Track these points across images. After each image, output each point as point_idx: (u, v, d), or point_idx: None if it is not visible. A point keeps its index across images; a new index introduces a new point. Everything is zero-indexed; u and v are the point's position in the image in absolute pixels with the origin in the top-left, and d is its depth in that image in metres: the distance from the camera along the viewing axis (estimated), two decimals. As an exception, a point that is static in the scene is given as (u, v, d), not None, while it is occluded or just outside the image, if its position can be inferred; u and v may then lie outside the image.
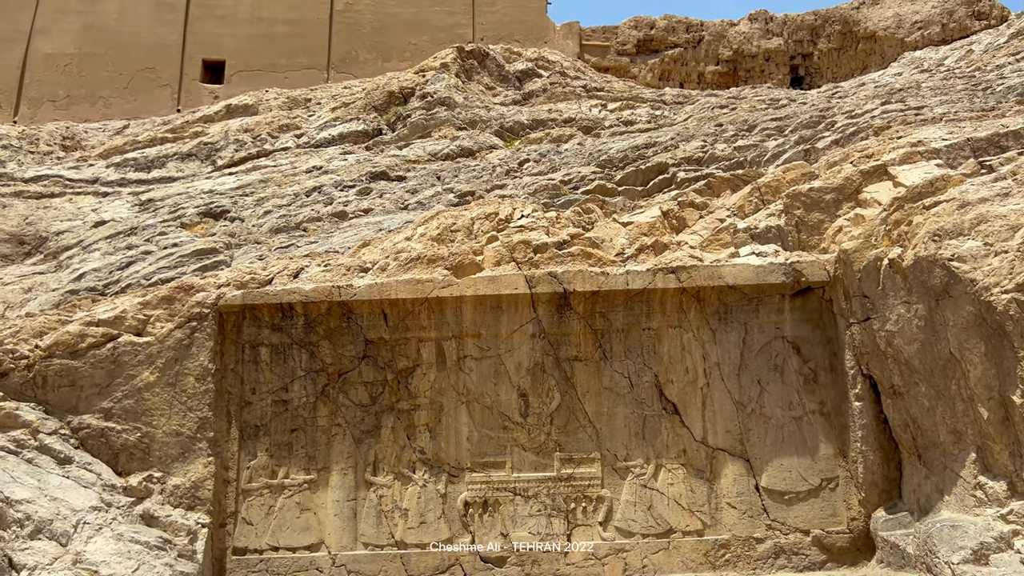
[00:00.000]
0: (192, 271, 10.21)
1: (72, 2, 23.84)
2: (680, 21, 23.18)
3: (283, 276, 9.33)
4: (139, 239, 11.62)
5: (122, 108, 22.44)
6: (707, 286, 8.47)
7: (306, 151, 15.95)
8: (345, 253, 10.40)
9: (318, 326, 8.79)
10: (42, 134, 18.30)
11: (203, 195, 13.55)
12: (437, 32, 22.88)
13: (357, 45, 23.16)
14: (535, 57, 19.74)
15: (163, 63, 23.15)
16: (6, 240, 12.24)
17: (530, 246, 9.00)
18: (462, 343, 8.76)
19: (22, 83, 23.19)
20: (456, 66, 18.47)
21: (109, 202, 13.84)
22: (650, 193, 11.40)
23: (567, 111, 16.35)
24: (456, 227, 9.80)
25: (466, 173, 13.62)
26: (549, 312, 8.68)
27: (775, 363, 8.53)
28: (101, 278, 10.32)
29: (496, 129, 15.88)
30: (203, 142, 16.57)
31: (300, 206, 13.01)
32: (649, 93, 18.34)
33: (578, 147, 13.98)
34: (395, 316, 8.78)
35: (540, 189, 11.75)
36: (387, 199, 12.98)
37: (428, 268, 8.95)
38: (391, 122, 16.86)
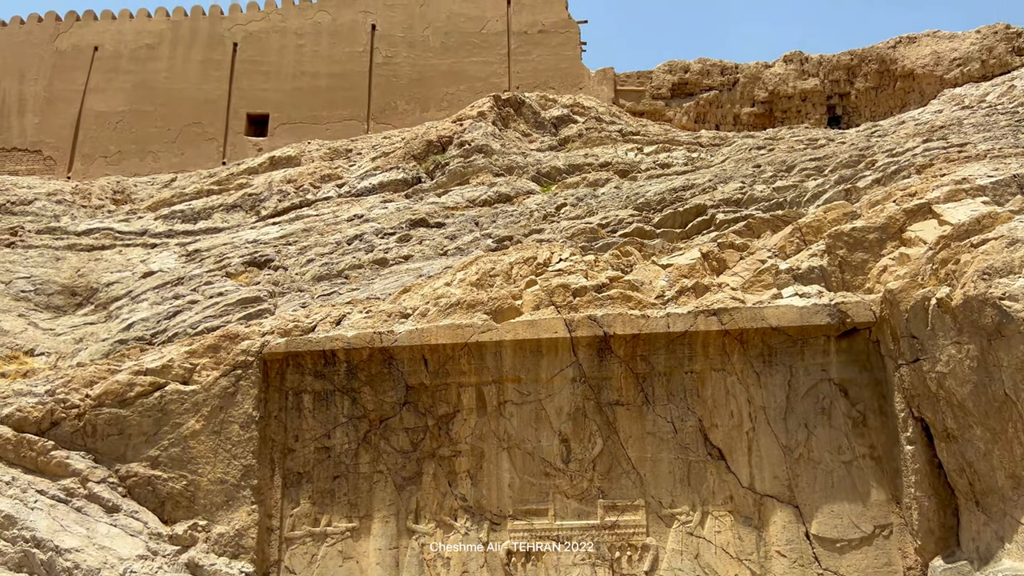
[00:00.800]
0: (237, 319, 10.39)
1: (124, 62, 24.86)
2: (714, 64, 23.31)
3: (326, 323, 9.44)
4: (186, 289, 11.88)
5: (170, 162, 23.18)
6: (750, 328, 8.36)
7: (347, 200, 16.25)
8: (386, 299, 10.51)
9: (360, 372, 8.85)
10: (94, 189, 18.95)
11: (247, 245, 13.84)
12: (474, 81, 23.32)
13: (396, 96, 23.70)
14: (570, 103, 19.97)
15: (209, 118, 23.93)
16: (59, 292, 12.61)
17: (569, 290, 8.99)
18: (502, 388, 8.73)
19: (76, 140, 24.12)
20: (493, 114, 18.76)
21: (157, 253, 14.20)
22: (689, 235, 11.36)
23: (603, 155, 16.46)
24: (495, 272, 9.85)
25: (504, 219, 13.74)
26: (589, 356, 8.63)
27: (822, 406, 8.34)
28: (149, 327, 10.55)
29: (533, 175, 16.03)
30: (247, 193, 16.98)
31: (342, 254, 13.22)
32: (685, 136, 18.39)
33: (615, 190, 14.03)
34: (435, 361, 8.81)
35: (578, 233, 11.79)
36: (427, 245, 13.12)
37: (468, 313, 8.99)
38: (430, 170, 17.13)
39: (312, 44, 24.52)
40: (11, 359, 9.89)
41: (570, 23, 23.71)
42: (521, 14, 23.92)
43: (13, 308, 11.77)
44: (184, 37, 25.06)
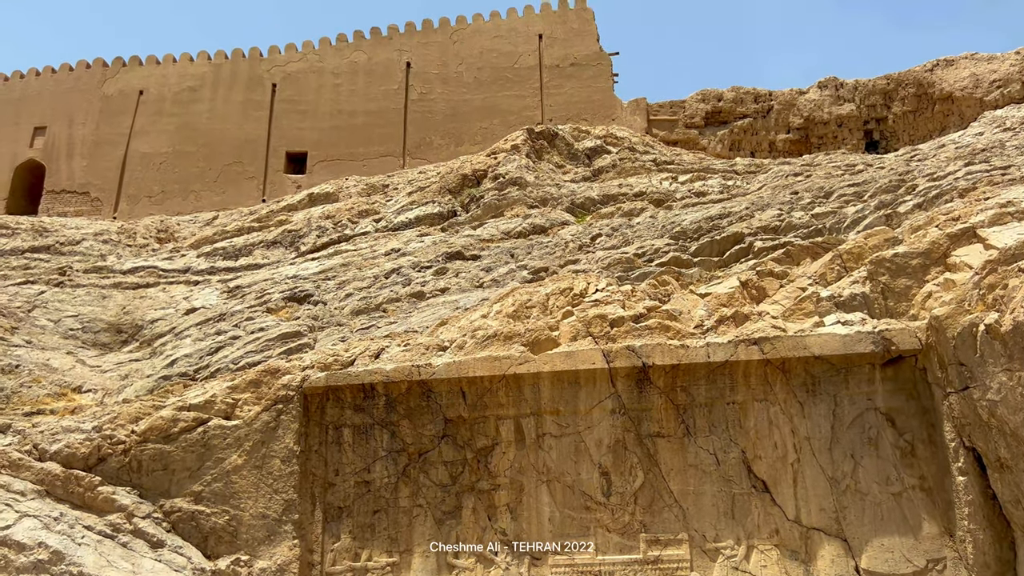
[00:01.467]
0: (278, 354, 10.52)
1: (167, 105, 25.65)
2: (748, 92, 23.29)
3: (364, 357, 9.51)
4: (227, 325, 12.08)
5: (212, 200, 23.75)
6: (792, 357, 8.22)
7: (384, 234, 16.46)
8: (423, 332, 10.56)
9: (399, 405, 8.87)
10: (139, 228, 19.44)
11: (288, 280, 14.06)
12: (507, 115, 23.59)
13: (431, 132, 24.06)
14: (603, 134, 20.07)
15: (250, 157, 24.52)
16: (105, 329, 12.90)
17: (606, 320, 8.95)
18: (541, 420, 8.68)
19: (122, 181, 24.86)
20: (526, 147, 18.92)
21: (200, 290, 14.48)
22: (727, 263, 11.27)
23: (638, 185, 16.47)
24: (531, 303, 9.85)
25: (539, 250, 13.77)
26: (628, 387, 8.55)
27: (869, 436, 8.14)
28: (192, 363, 10.73)
29: (567, 206, 16.09)
30: (287, 230, 17.29)
31: (380, 288, 13.35)
32: (720, 164, 18.34)
33: (650, 220, 14.00)
34: (473, 394, 8.80)
35: (614, 263, 11.77)
36: (463, 278, 13.20)
37: (505, 345, 8.99)
38: (465, 203, 17.29)
39: (349, 83, 25.07)
40: (60, 396, 10.11)
41: (602, 55, 23.92)
42: (553, 48, 24.21)
43: (62, 346, 12.06)
44: (225, 79, 25.80)
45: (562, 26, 24.46)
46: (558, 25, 24.50)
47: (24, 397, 9.93)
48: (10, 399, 9.87)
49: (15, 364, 10.79)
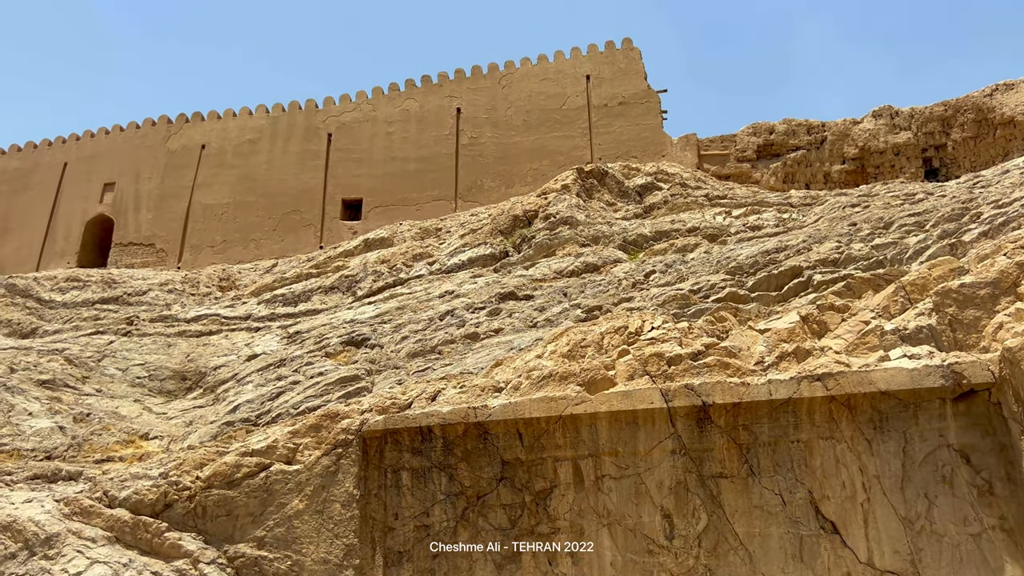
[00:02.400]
0: (337, 398, 10.65)
1: (228, 157, 26.57)
2: (800, 124, 23.06)
3: (421, 399, 9.56)
4: (288, 370, 12.30)
5: (271, 248, 24.39)
6: (858, 393, 7.98)
7: (438, 277, 16.64)
8: (479, 374, 10.59)
9: (456, 448, 8.86)
10: (202, 277, 20.03)
11: (345, 325, 14.28)
12: (556, 156, 23.78)
13: (482, 175, 24.38)
14: (654, 171, 20.06)
15: (307, 205, 25.17)
16: (171, 377, 13.25)
17: (663, 358, 8.84)
18: (599, 462, 8.56)
19: (185, 232, 25.74)
20: (576, 186, 19.01)
21: (260, 336, 14.81)
22: (785, 298, 11.06)
23: (690, 220, 16.37)
24: (586, 343, 9.80)
25: (592, 288, 13.74)
26: (688, 427, 8.40)
27: (942, 474, 7.81)
28: (254, 409, 10.93)
29: (619, 243, 16.05)
30: (344, 275, 17.61)
31: (435, 330, 13.46)
32: (774, 197, 18.12)
33: (705, 255, 13.87)
34: (530, 436, 8.74)
35: (669, 300, 11.66)
36: (516, 318, 13.23)
37: (560, 385, 8.94)
38: (517, 244, 17.40)
39: (401, 130, 25.65)
40: (128, 443, 10.39)
41: (650, 93, 24.02)
42: (600, 88, 24.41)
43: (130, 394, 12.42)
44: (283, 131, 26.65)
45: (609, 66, 24.68)
46: (605, 65, 24.73)
47: (95, 445, 10.23)
48: (81, 447, 10.17)
49: (86, 412, 11.14)
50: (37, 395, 11.51)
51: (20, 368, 12.60)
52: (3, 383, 11.60)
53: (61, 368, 12.91)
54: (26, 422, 10.62)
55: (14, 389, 11.51)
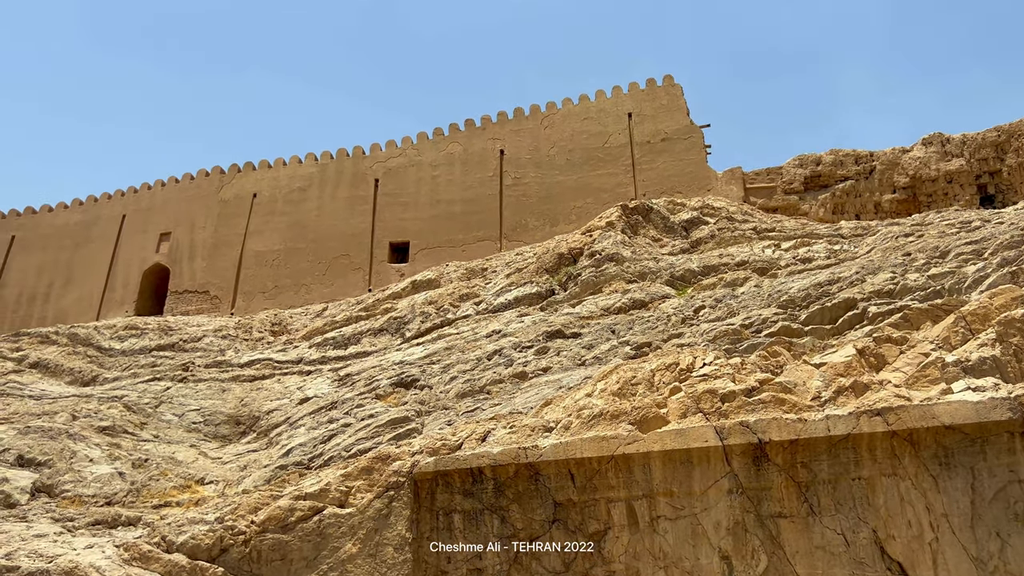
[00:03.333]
0: (387, 440, 10.67)
1: (279, 205, 27.23)
2: (848, 154, 22.76)
3: (471, 440, 9.53)
4: (339, 412, 12.39)
5: (321, 292, 24.79)
6: (920, 428, 7.71)
7: (485, 317, 16.69)
8: (528, 413, 10.52)
9: (507, 489, 8.78)
10: (254, 322, 20.42)
11: (394, 366, 14.37)
12: (600, 193, 23.83)
13: (526, 214, 24.53)
14: (699, 205, 19.94)
15: (355, 249, 25.59)
16: (225, 421, 13.45)
17: (716, 395, 8.68)
18: (654, 502, 8.39)
19: (238, 279, 26.34)
20: (621, 223, 18.99)
21: (312, 380, 14.98)
22: (840, 331, 10.82)
23: (739, 254, 16.18)
24: (636, 380, 9.69)
25: (641, 325, 13.63)
26: (745, 465, 8.20)
27: (1015, 511, 7.47)
28: (306, 452, 11.01)
29: (667, 279, 15.93)
30: (392, 317, 17.79)
31: (483, 370, 13.46)
32: (824, 228, 17.85)
33: (755, 289, 13.67)
34: (582, 476, 8.63)
35: (720, 335, 11.50)
36: (564, 356, 13.16)
37: (611, 424, 8.83)
38: (563, 282, 17.39)
39: (446, 173, 26.02)
40: (184, 488, 10.54)
41: (692, 128, 24.00)
42: (643, 125, 24.48)
43: (186, 439, 12.64)
44: (331, 178, 27.26)
45: (651, 103, 24.77)
46: (646, 102, 24.83)
47: (153, 490, 10.40)
48: (140, 492, 10.35)
49: (144, 458, 11.35)
50: (98, 441, 11.78)
51: (82, 415, 12.93)
52: (66, 430, 11.91)
53: (120, 415, 13.21)
54: (87, 468, 10.86)
55: (76, 436, 11.81)
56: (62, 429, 11.94)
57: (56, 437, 11.63)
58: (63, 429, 11.95)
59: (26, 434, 11.73)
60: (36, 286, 29.11)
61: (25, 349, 18.32)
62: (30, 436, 11.63)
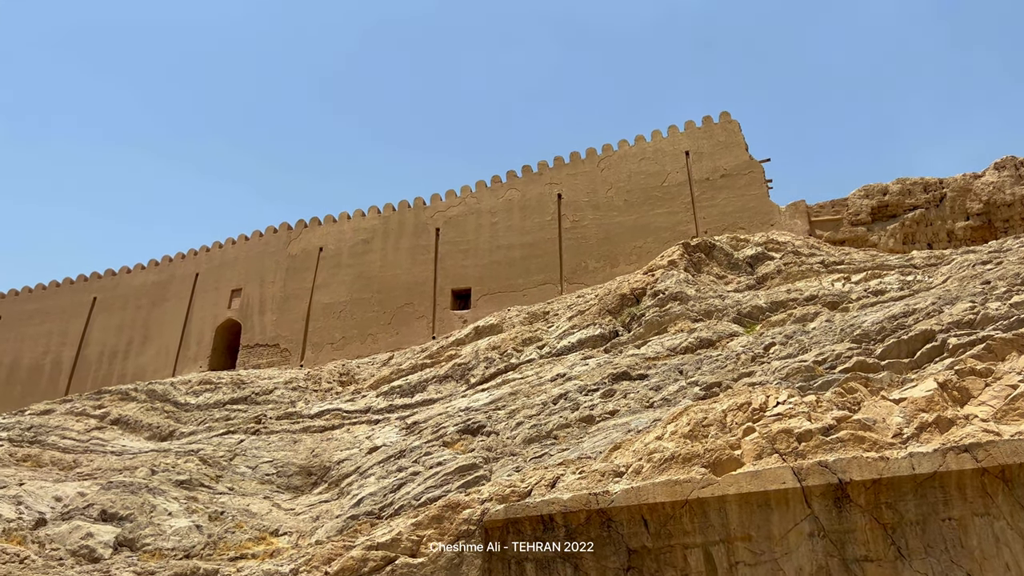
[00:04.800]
0: (456, 488, 10.64)
1: (344, 258, 27.86)
2: (916, 182, 22.16)
3: (541, 486, 9.43)
4: (408, 461, 12.43)
5: (387, 341, 25.12)
6: (1013, 464, 7.33)
7: (549, 360, 16.62)
8: (597, 458, 10.37)
9: (579, 536, 8.63)
10: (323, 373, 20.76)
11: (460, 413, 14.39)
12: (660, 232, 23.69)
13: (585, 256, 24.52)
14: (763, 241, 19.62)
15: (419, 297, 25.93)
16: (297, 472, 13.63)
17: (792, 435, 8.43)
18: (732, 548, 8.13)
19: (307, 331, 26.91)
20: (684, 261, 18.80)
21: (380, 428, 15.10)
22: (919, 364, 10.42)
23: (807, 289, 15.81)
24: (707, 421, 9.48)
25: (709, 364, 13.37)
26: (826, 507, 7.90)
27: None
28: (377, 501, 11.05)
29: (734, 316, 15.64)
30: (457, 363, 17.87)
31: (549, 414, 13.36)
32: (895, 259, 17.33)
33: (826, 324, 13.31)
34: (656, 522, 8.43)
35: (792, 372, 11.19)
36: (631, 399, 12.97)
37: (684, 468, 8.63)
38: (626, 323, 17.24)
39: (504, 219, 26.28)
40: (260, 540, 10.67)
41: (752, 163, 23.76)
42: (701, 163, 24.36)
43: (259, 491, 12.83)
44: (393, 229, 27.82)
45: (708, 140, 24.66)
46: (704, 140, 24.73)
47: (229, 542, 10.57)
48: (217, 545, 10.52)
49: (220, 511, 11.56)
50: (176, 495, 12.06)
51: (160, 470, 13.28)
52: (146, 485, 12.24)
53: (197, 468, 13.52)
54: (166, 522, 11.10)
55: (155, 490, 12.11)
56: (142, 484, 12.27)
57: (137, 492, 11.95)
58: (143, 484, 12.28)
59: (109, 489, 12.09)
60: (116, 344, 30.28)
61: (107, 406, 18.98)
62: (112, 491, 11.98)
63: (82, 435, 17.23)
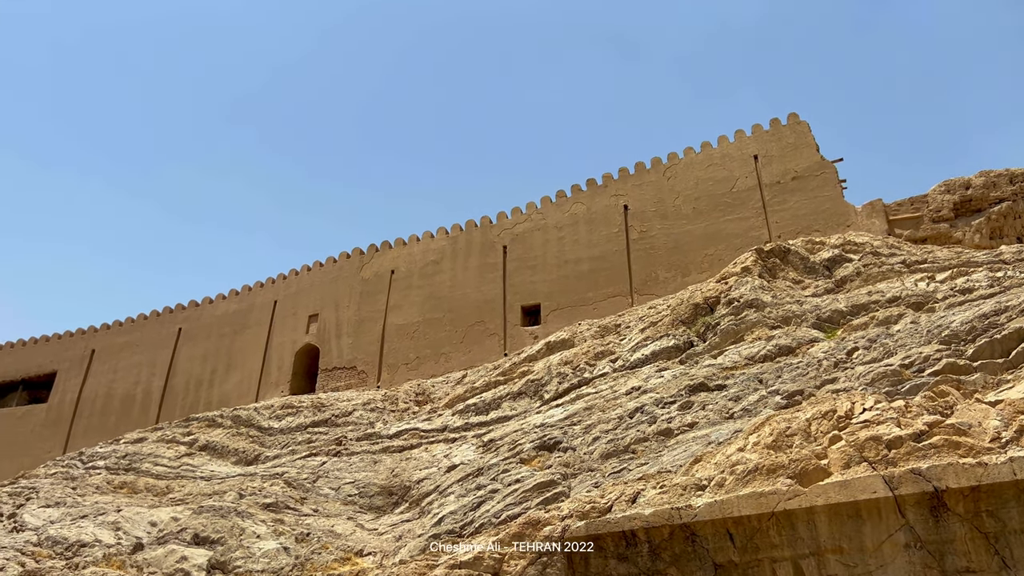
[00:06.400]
0: (536, 505, 10.61)
1: (415, 279, 28.28)
2: (1000, 174, 21.19)
3: (621, 502, 9.32)
4: (486, 479, 12.47)
5: (460, 360, 25.32)
6: None
7: (623, 374, 16.46)
8: (677, 472, 10.20)
9: (663, 552, 8.49)
10: (399, 394, 21.06)
11: (536, 429, 14.37)
12: (731, 239, 23.26)
13: (655, 266, 24.25)
14: (840, 242, 19.06)
15: (489, 315, 26.09)
16: (378, 492, 13.82)
17: (881, 442, 8.12)
18: (823, 561, 7.86)
19: (382, 353, 27.37)
20: (757, 267, 18.40)
21: (457, 447, 15.20)
22: (1015, 364, 9.91)
23: (889, 290, 15.26)
24: (791, 431, 9.22)
25: (789, 372, 13.02)
26: (921, 516, 7.56)
27: None
28: (457, 520, 11.11)
29: (813, 322, 15.21)
30: (530, 380, 17.87)
31: (625, 428, 13.22)
32: (983, 255, 16.59)
33: (912, 326, 12.81)
34: (741, 535, 8.22)
35: (878, 377, 10.80)
36: (710, 410, 12.73)
37: (768, 479, 8.41)
38: (701, 332, 16.95)
39: (571, 234, 26.25)
40: (345, 560, 10.85)
41: (824, 164, 23.14)
42: (771, 166, 23.86)
43: (343, 512, 13.06)
44: (462, 249, 28.11)
45: (777, 143, 24.15)
46: (772, 143, 24.23)
47: (316, 563, 10.78)
48: (304, 566, 10.74)
49: (306, 532, 11.81)
50: (263, 518, 12.38)
51: (247, 493, 13.65)
52: (234, 508, 12.60)
53: (282, 491, 13.86)
54: (255, 544, 11.40)
55: (244, 514, 12.46)
56: (231, 508, 12.64)
57: (226, 515, 12.32)
58: (232, 507, 12.65)
59: (200, 514, 12.50)
60: (201, 373, 31.40)
61: (195, 433, 19.67)
62: (203, 516, 12.38)
63: (173, 461, 17.89)
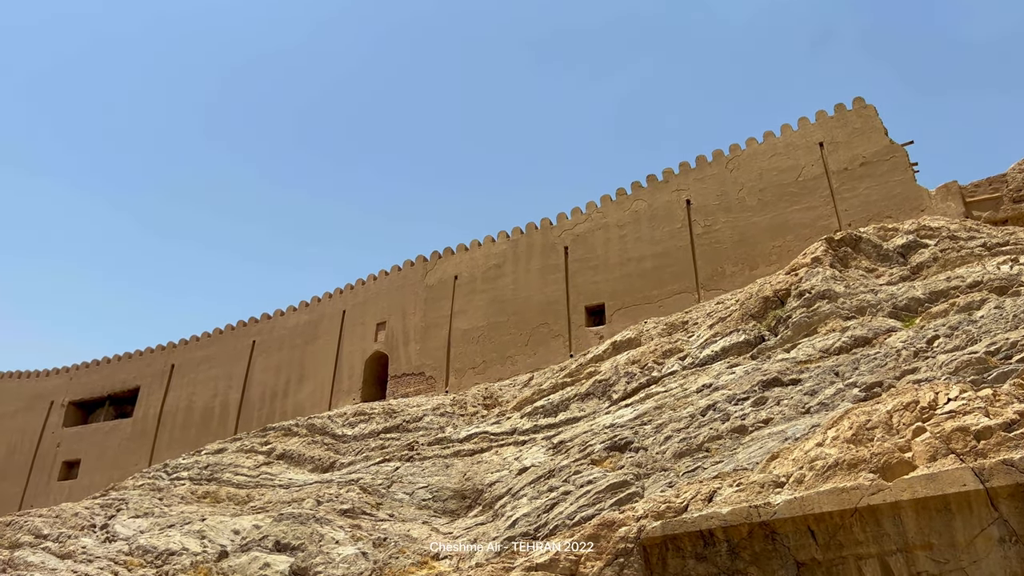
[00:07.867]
0: (609, 506, 10.54)
1: (478, 284, 28.46)
2: (1084, 147, 20.13)
3: (697, 501, 9.18)
4: (557, 480, 12.45)
5: (526, 362, 25.36)
6: None
7: (692, 371, 16.22)
8: (754, 469, 9.99)
9: (742, 551, 8.32)
10: (468, 398, 21.20)
11: (606, 430, 14.27)
12: (799, 230, 22.70)
13: (721, 261, 23.83)
14: (915, 228, 18.39)
15: (553, 317, 26.05)
16: (451, 496, 13.94)
17: (969, 433, 7.79)
18: (911, 557, 7.59)
19: (449, 358, 27.62)
20: (828, 257, 17.90)
21: (527, 449, 15.21)
22: (1111, 347, 9.40)
23: (969, 275, 14.66)
24: (871, 424, 8.93)
25: (867, 363, 12.63)
26: (1016, 509, 7.23)
27: None
28: (531, 522, 11.11)
29: (889, 311, 14.72)
30: (597, 380, 17.76)
31: (698, 427, 13.02)
32: (1069, 233, 15.80)
33: (996, 311, 12.28)
34: (823, 532, 8.00)
35: (962, 366, 10.38)
36: (785, 405, 12.44)
37: (850, 474, 8.16)
38: (772, 326, 16.58)
39: (633, 231, 26.01)
40: (422, 564, 10.97)
41: (894, 148, 22.38)
42: (837, 153, 23.21)
43: (418, 516, 13.20)
44: (523, 252, 28.16)
45: (842, 129, 23.47)
46: (838, 129, 23.56)
47: (394, 568, 10.92)
48: (382, 571, 10.90)
49: (383, 537, 11.98)
50: (341, 524, 12.61)
51: (325, 500, 13.94)
52: (313, 515, 12.87)
53: (358, 497, 14.10)
54: (335, 550, 11.62)
55: (322, 520, 12.72)
56: (309, 514, 12.92)
57: (305, 522, 12.60)
58: (310, 514, 12.93)
59: (280, 521, 12.81)
60: (276, 384, 32.22)
61: (272, 442, 20.18)
62: (284, 523, 12.68)
63: (252, 471, 18.38)
